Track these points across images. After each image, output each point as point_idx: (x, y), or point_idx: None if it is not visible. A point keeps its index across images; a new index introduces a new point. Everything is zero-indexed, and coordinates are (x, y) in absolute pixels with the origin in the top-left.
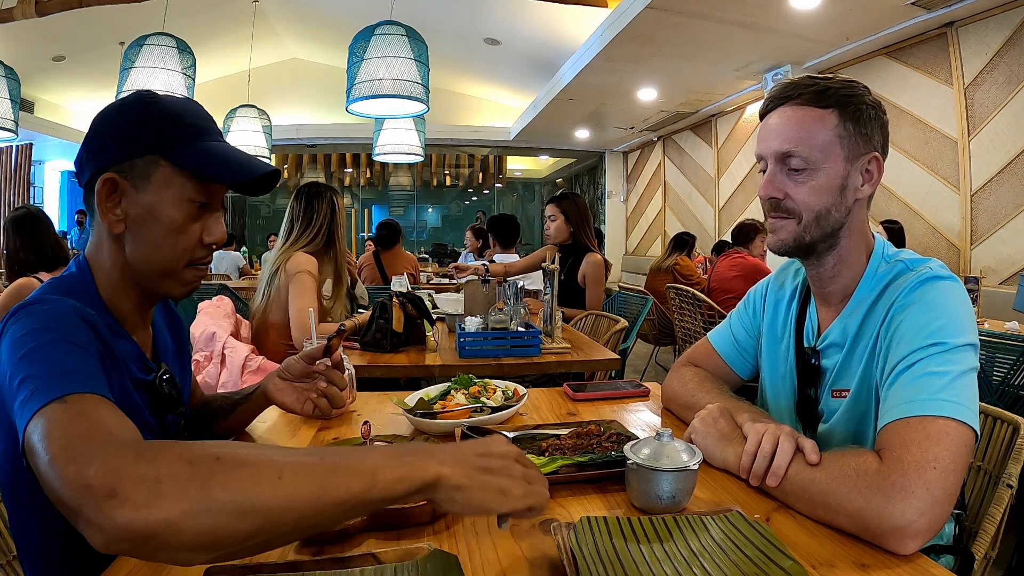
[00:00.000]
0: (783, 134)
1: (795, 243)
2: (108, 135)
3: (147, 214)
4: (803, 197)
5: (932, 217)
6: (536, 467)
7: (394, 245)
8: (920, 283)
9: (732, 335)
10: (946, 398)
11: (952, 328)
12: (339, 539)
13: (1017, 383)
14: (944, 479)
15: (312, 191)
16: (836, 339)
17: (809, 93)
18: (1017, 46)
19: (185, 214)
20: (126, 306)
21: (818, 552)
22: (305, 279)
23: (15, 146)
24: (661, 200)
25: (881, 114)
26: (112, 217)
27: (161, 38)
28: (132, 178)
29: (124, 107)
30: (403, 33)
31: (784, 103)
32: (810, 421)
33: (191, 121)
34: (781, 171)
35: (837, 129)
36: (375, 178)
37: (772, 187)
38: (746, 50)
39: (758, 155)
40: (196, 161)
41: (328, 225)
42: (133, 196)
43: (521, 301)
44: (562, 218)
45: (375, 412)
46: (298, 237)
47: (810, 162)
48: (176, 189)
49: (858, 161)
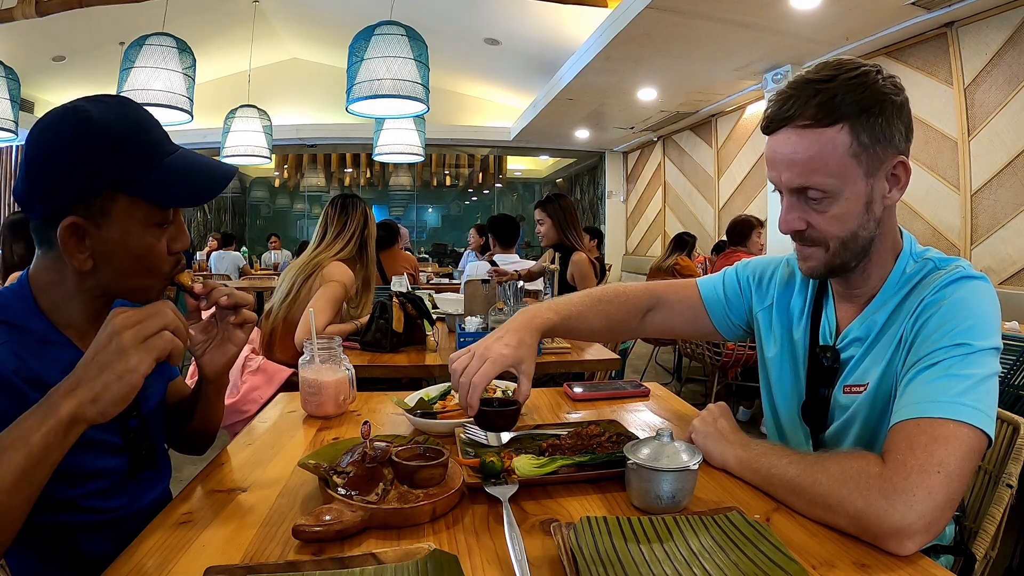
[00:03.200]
0: (793, 166)
1: (827, 269)
2: (53, 174)
3: (115, 247)
4: (826, 227)
5: (932, 217)
6: (147, 314)
7: (392, 245)
8: (951, 282)
9: (724, 289)
10: (964, 402)
11: (979, 330)
12: (339, 539)
13: (1017, 383)
14: (947, 484)
15: (347, 200)
16: (859, 335)
17: (811, 109)
18: (1017, 46)
19: (153, 237)
20: (77, 315)
21: (818, 552)
22: (336, 289)
23: (15, 146)
24: (661, 200)
25: (896, 98)
26: (79, 257)
27: (161, 38)
28: (92, 216)
29: (60, 139)
30: (403, 33)
31: (786, 124)
32: (819, 421)
33: (140, 140)
34: (799, 201)
35: (851, 148)
36: (375, 178)
37: (791, 221)
38: (746, 50)
39: (771, 180)
40: (155, 190)
41: (360, 233)
42: (96, 234)
43: (521, 301)
44: (549, 222)
45: (375, 412)
46: (332, 241)
47: (828, 191)
48: (139, 218)
49: (881, 170)
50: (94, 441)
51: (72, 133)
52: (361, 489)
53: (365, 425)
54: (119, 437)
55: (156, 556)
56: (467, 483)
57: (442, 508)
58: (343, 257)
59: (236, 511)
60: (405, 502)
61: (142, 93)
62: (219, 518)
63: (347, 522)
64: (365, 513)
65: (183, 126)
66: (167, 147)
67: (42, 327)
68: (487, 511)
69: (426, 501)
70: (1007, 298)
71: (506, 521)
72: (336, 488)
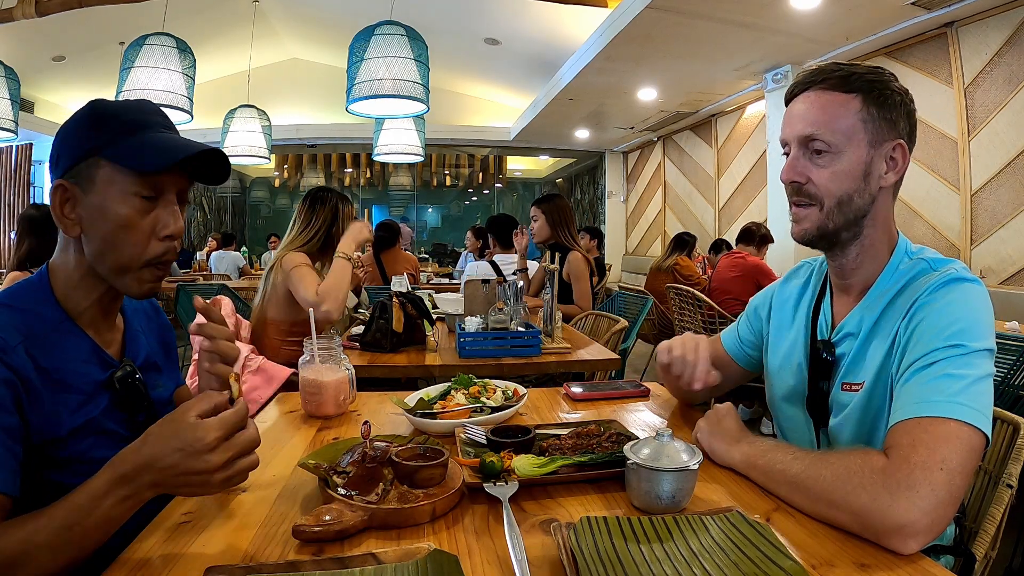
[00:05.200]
0: (806, 118)
1: (819, 232)
2: (59, 146)
3: (97, 214)
4: (825, 181)
5: (932, 217)
6: (238, 429)
7: (394, 245)
8: (945, 283)
9: (738, 335)
10: (962, 402)
11: (973, 331)
12: (339, 539)
13: (1017, 383)
14: (950, 481)
15: (317, 195)
16: (852, 329)
17: (834, 78)
18: (1017, 46)
19: (132, 208)
20: (84, 302)
21: (818, 552)
22: (304, 271)
23: (15, 146)
24: (661, 200)
25: (908, 102)
26: (67, 222)
27: (161, 38)
28: (79, 181)
29: (74, 117)
30: (403, 33)
31: (808, 88)
32: (821, 416)
33: (130, 117)
34: (804, 155)
35: (861, 113)
36: (375, 178)
37: (794, 171)
38: (746, 50)
39: (782, 140)
40: (129, 153)
41: (327, 230)
42: (82, 199)
43: (521, 301)
44: (543, 219)
45: (375, 412)
46: (295, 238)
47: (832, 146)
48: (119, 185)
49: (882, 147)
50: (104, 429)
51: (82, 111)
52: (361, 489)
53: (365, 425)
54: (127, 429)
55: (156, 556)
56: (467, 483)
57: (442, 508)
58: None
59: (236, 511)
60: (405, 502)
61: (142, 93)
62: (219, 518)
63: (347, 522)
64: (365, 513)
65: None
66: (159, 127)
67: (56, 315)
68: (487, 511)
69: (426, 501)
70: (1007, 298)
71: (506, 521)
72: (336, 488)
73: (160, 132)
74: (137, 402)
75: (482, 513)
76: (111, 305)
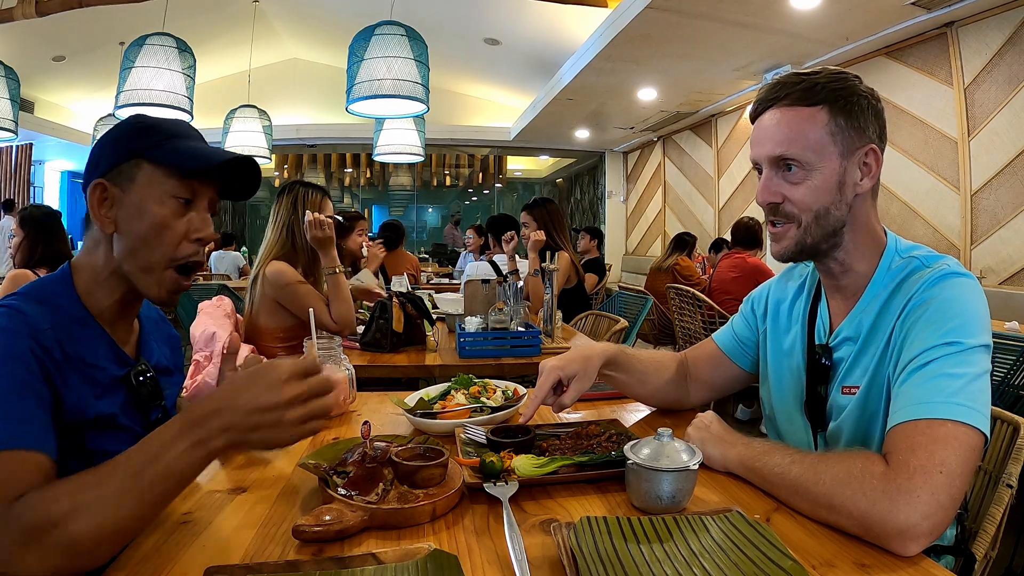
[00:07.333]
0: (774, 137)
1: (797, 247)
2: (100, 150)
3: (134, 212)
4: (800, 198)
5: (932, 217)
6: (316, 391)
7: (398, 246)
8: (938, 280)
9: (733, 331)
10: (960, 402)
11: (968, 328)
12: (339, 539)
13: (1017, 383)
14: (950, 484)
15: (283, 188)
16: (849, 333)
17: (797, 92)
18: (1017, 46)
19: (169, 210)
20: (106, 301)
21: (818, 552)
22: (303, 291)
23: (15, 146)
24: (661, 200)
25: (874, 102)
26: (104, 219)
27: (161, 38)
28: (120, 182)
29: (117, 126)
30: (403, 33)
31: (773, 104)
32: (819, 420)
33: (172, 127)
34: (777, 175)
35: (829, 126)
36: (375, 178)
37: (768, 192)
38: (746, 50)
39: (752, 160)
40: (172, 156)
41: (288, 222)
42: (121, 198)
43: (521, 301)
44: (534, 224)
45: (375, 412)
46: (269, 240)
47: (804, 163)
48: (158, 186)
49: (854, 155)
50: (120, 425)
51: (126, 122)
52: (361, 489)
53: (365, 425)
54: (142, 427)
55: (156, 556)
56: (467, 483)
57: (442, 508)
58: (277, 254)
59: (236, 511)
60: (405, 502)
61: (142, 93)
62: (219, 518)
63: (347, 522)
64: (365, 513)
65: None
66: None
67: (78, 311)
68: (487, 511)
69: (426, 501)
70: (1007, 298)
71: (506, 521)
72: (336, 488)
73: (199, 143)
74: (152, 400)
75: (482, 513)
76: (130, 307)
